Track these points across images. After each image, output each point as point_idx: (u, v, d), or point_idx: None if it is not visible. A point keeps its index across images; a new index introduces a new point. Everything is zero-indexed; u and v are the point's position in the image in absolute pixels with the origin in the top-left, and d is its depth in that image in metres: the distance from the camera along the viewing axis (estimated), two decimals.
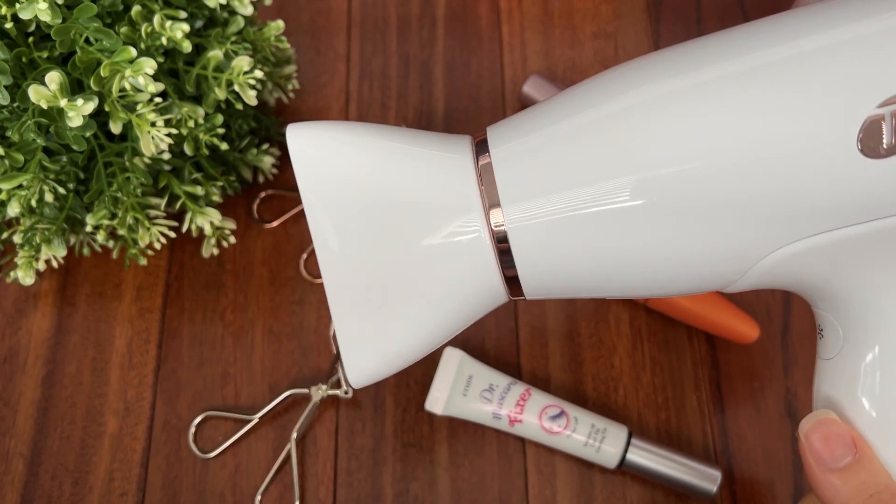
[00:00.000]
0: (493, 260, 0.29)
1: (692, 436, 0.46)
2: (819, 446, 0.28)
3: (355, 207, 0.29)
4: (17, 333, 0.48)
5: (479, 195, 0.29)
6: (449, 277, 0.30)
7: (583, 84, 0.29)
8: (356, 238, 0.30)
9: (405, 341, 0.31)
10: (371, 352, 0.31)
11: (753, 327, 0.46)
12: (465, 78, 0.55)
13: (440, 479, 0.45)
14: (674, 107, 0.26)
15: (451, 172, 0.29)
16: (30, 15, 0.36)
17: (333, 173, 0.29)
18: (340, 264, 0.30)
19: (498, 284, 0.30)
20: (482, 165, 0.29)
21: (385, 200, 0.29)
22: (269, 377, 0.47)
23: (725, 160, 0.25)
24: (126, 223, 0.43)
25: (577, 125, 0.28)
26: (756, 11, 0.57)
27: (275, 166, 0.51)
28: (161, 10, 0.40)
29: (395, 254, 0.30)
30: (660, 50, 0.29)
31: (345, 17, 0.57)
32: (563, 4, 0.57)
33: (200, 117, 0.42)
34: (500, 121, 0.31)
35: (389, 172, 0.29)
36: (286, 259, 0.50)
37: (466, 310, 0.31)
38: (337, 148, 0.30)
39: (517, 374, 0.47)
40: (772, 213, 0.26)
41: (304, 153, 0.29)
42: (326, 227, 0.30)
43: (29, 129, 0.39)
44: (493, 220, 0.28)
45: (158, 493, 0.44)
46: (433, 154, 0.30)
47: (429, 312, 0.30)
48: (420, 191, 0.29)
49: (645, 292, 0.30)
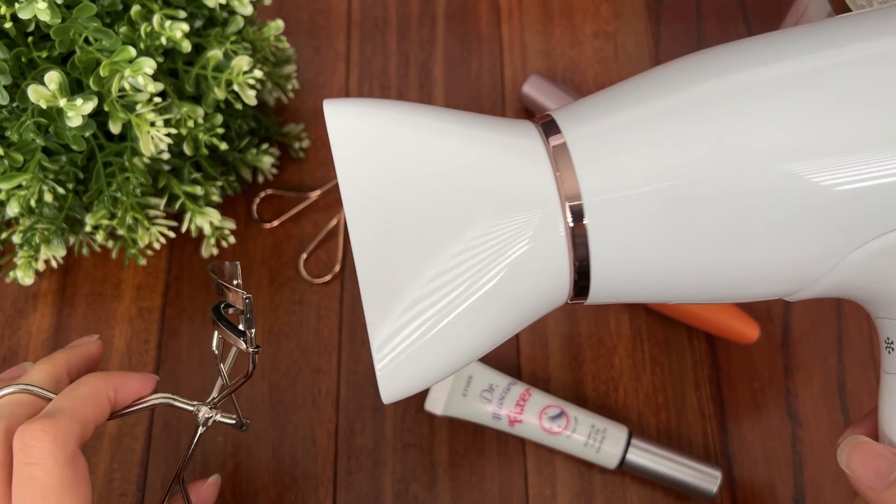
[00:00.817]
0: (566, 255, 0.26)
1: (692, 436, 0.46)
2: (862, 471, 0.28)
3: (406, 198, 0.26)
4: (16, 333, 0.48)
5: (555, 182, 0.26)
6: (512, 274, 0.26)
7: (658, 69, 0.27)
8: (404, 233, 0.26)
9: (453, 348, 0.27)
10: (410, 361, 0.27)
11: (753, 327, 0.46)
12: (465, 78, 0.55)
13: (440, 479, 0.45)
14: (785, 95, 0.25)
15: (521, 157, 0.26)
16: (29, 15, 0.35)
17: (383, 158, 0.26)
18: (383, 263, 0.26)
19: (564, 284, 0.27)
20: (555, 147, 0.26)
21: (438, 189, 0.26)
22: (269, 377, 0.47)
23: (817, 156, 0.25)
24: (125, 223, 0.43)
25: (662, 107, 0.26)
26: (756, 11, 0.57)
27: (274, 166, 0.51)
28: (160, 9, 0.40)
29: (450, 251, 0.26)
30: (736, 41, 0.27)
31: (345, 17, 0.57)
32: (563, 4, 0.57)
33: (200, 117, 0.42)
34: (562, 106, 0.28)
35: (449, 158, 0.26)
36: (286, 259, 0.50)
37: (524, 312, 0.28)
38: (389, 128, 0.26)
39: (517, 374, 0.47)
40: (853, 213, 0.25)
41: (348, 133, 0.26)
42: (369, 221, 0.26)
43: (28, 129, 0.39)
44: (569, 207, 0.26)
45: (158, 493, 0.44)
46: (495, 138, 0.27)
47: (483, 313, 0.27)
48: (482, 179, 0.26)
49: (714, 297, 0.28)
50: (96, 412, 0.31)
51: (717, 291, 0.28)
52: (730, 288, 0.27)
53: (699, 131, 0.25)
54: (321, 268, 0.50)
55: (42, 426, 0.29)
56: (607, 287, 0.27)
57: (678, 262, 0.26)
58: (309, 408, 0.46)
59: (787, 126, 0.25)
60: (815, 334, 0.48)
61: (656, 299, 0.29)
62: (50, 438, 0.28)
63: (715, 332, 0.47)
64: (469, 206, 0.26)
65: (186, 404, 0.35)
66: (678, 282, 0.27)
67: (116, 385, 0.33)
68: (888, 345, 0.28)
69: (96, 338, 0.37)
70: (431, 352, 0.27)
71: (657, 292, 0.28)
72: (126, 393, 0.33)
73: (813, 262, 0.26)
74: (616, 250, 0.26)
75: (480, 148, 0.26)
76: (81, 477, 0.29)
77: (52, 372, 0.33)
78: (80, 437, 0.30)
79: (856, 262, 0.26)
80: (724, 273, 0.27)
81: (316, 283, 0.49)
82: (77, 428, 0.30)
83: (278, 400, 0.46)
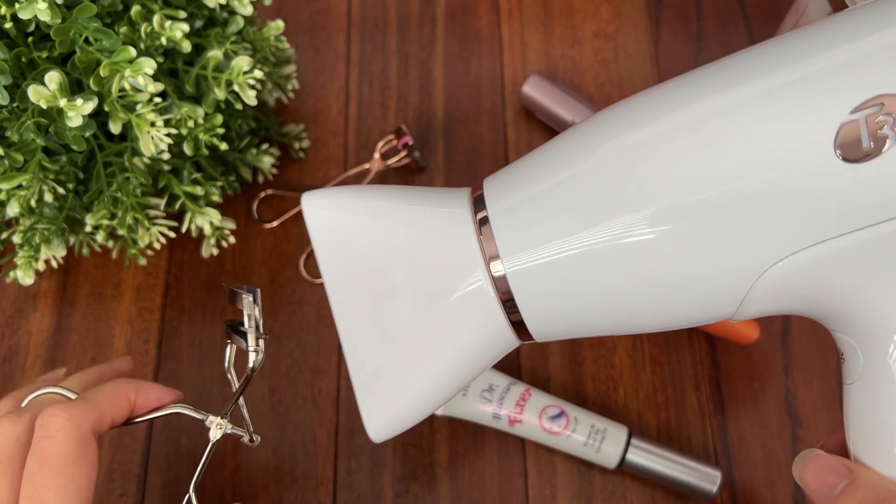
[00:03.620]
0: (499, 308, 0.30)
1: (692, 436, 0.46)
2: (812, 482, 0.29)
3: (366, 269, 0.32)
4: (16, 333, 0.48)
5: (479, 247, 0.30)
6: (459, 330, 0.31)
7: (569, 132, 0.30)
8: (369, 298, 0.32)
9: (422, 394, 0.32)
10: (389, 407, 0.32)
11: (753, 327, 0.46)
12: (465, 78, 0.55)
13: (440, 479, 0.45)
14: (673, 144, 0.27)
15: (451, 228, 0.31)
16: (29, 15, 0.35)
17: (345, 239, 0.32)
18: (356, 324, 0.32)
19: (506, 331, 0.31)
20: (480, 218, 0.30)
21: (392, 259, 0.31)
22: (269, 378, 0.47)
23: (724, 184, 0.26)
24: (126, 223, 0.43)
25: (570, 172, 0.29)
26: (756, 11, 0.57)
27: (274, 166, 0.51)
28: (161, 9, 0.40)
29: (406, 311, 0.31)
30: (646, 90, 0.30)
31: (345, 17, 0.57)
32: (563, 4, 0.57)
33: (200, 117, 0.42)
34: (497, 171, 0.32)
35: (393, 233, 0.32)
36: (286, 259, 0.50)
37: (478, 359, 0.32)
38: (345, 217, 0.32)
39: (517, 374, 0.47)
40: (764, 226, 0.26)
41: (318, 222, 0.32)
42: (341, 290, 0.32)
43: (28, 129, 0.39)
44: (493, 270, 0.30)
45: (158, 493, 0.44)
46: (433, 211, 0.32)
47: (443, 365, 0.32)
48: (423, 248, 0.31)
49: (649, 327, 0.30)
50: (114, 407, 0.34)
51: (653, 323, 0.30)
52: (661, 319, 0.30)
53: (606, 183, 0.28)
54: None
55: (62, 406, 0.32)
56: (544, 328, 0.31)
57: (599, 303, 0.29)
58: (309, 408, 0.46)
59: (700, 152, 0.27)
60: (815, 334, 0.48)
61: (601, 333, 0.32)
62: (66, 416, 0.31)
63: (715, 332, 0.47)
64: (420, 276, 0.31)
65: (198, 413, 0.35)
66: (608, 319, 0.30)
67: (139, 389, 0.35)
68: (841, 356, 0.30)
69: (129, 358, 0.40)
70: (406, 400, 0.32)
71: (595, 328, 0.31)
72: (147, 399, 0.35)
73: (733, 279, 0.28)
74: (538, 296, 0.30)
75: (424, 227, 0.31)
76: (89, 457, 0.31)
77: (85, 380, 0.36)
78: (95, 424, 0.32)
79: (769, 283, 0.27)
80: (649, 307, 0.29)
81: (316, 283, 0.49)
82: (93, 415, 0.32)
83: (278, 400, 0.46)
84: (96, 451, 0.32)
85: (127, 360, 0.40)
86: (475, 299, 0.30)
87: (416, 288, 0.31)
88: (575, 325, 0.30)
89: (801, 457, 0.30)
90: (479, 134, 0.53)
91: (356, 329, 0.32)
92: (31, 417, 0.32)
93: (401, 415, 0.32)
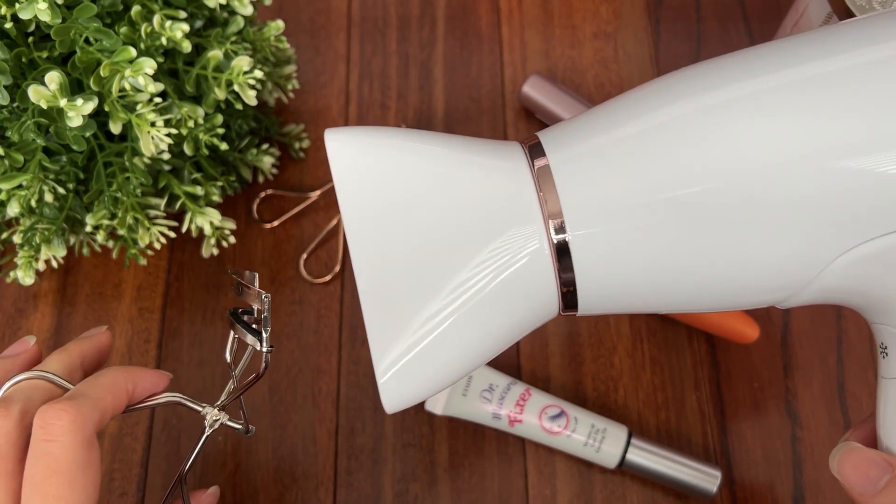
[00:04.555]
0: (552, 271, 0.27)
1: (692, 436, 0.46)
2: (852, 477, 0.28)
3: (400, 220, 0.28)
4: (17, 333, 0.48)
5: (538, 202, 0.27)
6: (502, 291, 0.28)
7: (643, 87, 0.28)
8: (400, 251, 0.28)
9: (449, 361, 0.28)
10: (410, 374, 0.28)
11: (753, 327, 0.46)
12: (465, 78, 0.55)
13: (440, 479, 0.45)
14: (762, 108, 0.26)
15: (507, 180, 0.28)
16: (29, 15, 0.36)
17: (377, 182, 0.28)
18: (381, 281, 0.28)
19: (552, 298, 0.28)
20: (539, 169, 0.27)
21: (434, 211, 0.28)
22: (269, 377, 0.47)
23: (799, 161, 0.25)
24: (126, 223, 0.43)
25: (645, 125, 0.27)
26: (756, 11, 0.57)
27: (274, 166, 0.51)
28: (161, 10, 0.40)
29: (443, 269, 0.28)
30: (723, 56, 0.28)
31: (345, 17, 0.57)
32: (563, 5, 0.57)
33: (200, 117, 0.42)
34: (549, 127, 0.29)
35: (439, 182, 0.28)
36: (286, 259, 0.50)
37: (516, 326, 0.29)
38: (382, 154, 0.28)
39: (517, 374, 0.47)
40: (838, 215, 0.25)
41: (345, 160, 0.28)
42: (367, 240, 0.28)
43: (29, 129, 0.39)
44: (552, 228, 0.27)
45: (158, 493, 0.44)
46: (484, 162, 0.28)
47: (477, 328, 0.28)
48: (473, 201, 0.28)
49: (703, 306, 0.29)
50: (115, 402, 0.32)
51: (705, 301, 0.28)
52: (718, 296, 0.28)
53: (682, 145, 0.26)
54: (321, 268, 0.50)
55: (64, 406, 0.30)
56: (595, 300, 0.28)
57: (662, 275, 0.27)
58: (309, 408, 0.46)
59: (775, 131, 0.25)
60: (814, 334, 0.48)
61: (647, 310, 0.29)
62: (71, 418, 0.29)
63: (715, 332, 0.47)
64: (461, 231, 0.28)
65: (195, 405, 0.35)
66: (665, 293, 0.28)
67: (135, 379, 0.34)
68: (882, 350, 0.29)
69: (105, 328, 0.37)
70: (429, 364, 0.28)
71: (646, 303, 0.29)
72: (143, 388, 0.34)
73: (799, 267, 0.26)
74: (600, 264, 0.27)
75: (471, 173, 0.28)
76: (94, 461, 0.30)
77: (67, 362, 0.34)
78: (99, 424, 0.31)
79: (841, 267, 0.26)
80: (710, 282, 0.27)
81: (316, 283, 0.49)
82: (97, 414, 0.31)
83: (278, 400, 0.46)
84: (100, 454, 0.31)
85: (105, 333, 0.37)
86: (527, 259, 0.27)
87: (461, 243, 0.28)
88: (626, 297, 0.28)
89: (839, 449, 0.29)
90: (479, 134, 0.53)
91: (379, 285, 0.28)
92: (20, 411, 0.30)
93: (424, 381, 0.29)
